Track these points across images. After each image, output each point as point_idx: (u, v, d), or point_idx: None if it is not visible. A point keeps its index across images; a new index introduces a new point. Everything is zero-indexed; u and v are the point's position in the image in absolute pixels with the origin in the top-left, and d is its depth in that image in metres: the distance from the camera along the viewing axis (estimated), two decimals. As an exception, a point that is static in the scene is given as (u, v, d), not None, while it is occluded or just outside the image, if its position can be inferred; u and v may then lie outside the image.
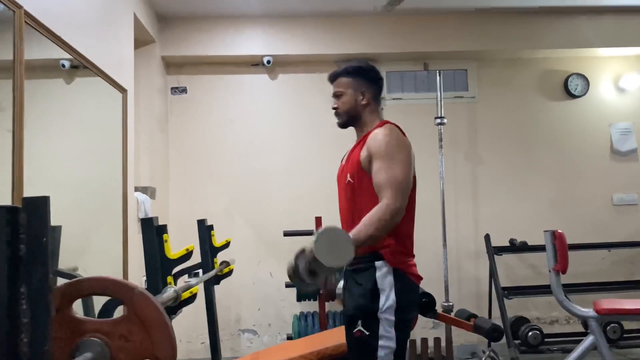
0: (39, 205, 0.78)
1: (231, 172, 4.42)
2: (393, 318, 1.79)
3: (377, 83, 2.02)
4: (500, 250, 4.21)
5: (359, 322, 1.81)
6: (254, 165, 4.43)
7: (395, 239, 1.83)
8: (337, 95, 2.01)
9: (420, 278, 1.92)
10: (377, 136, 1.86)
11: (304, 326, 3.80)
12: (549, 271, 3.04)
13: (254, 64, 4.47)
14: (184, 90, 4.47)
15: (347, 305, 1.95)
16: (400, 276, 1.81)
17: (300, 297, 3.89)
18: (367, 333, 1.79)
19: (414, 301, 1.94)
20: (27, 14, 1.98)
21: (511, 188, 4.54)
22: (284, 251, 4.32)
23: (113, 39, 3.08)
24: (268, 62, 4.37)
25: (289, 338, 3.88)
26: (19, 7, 1.93)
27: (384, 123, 1.95)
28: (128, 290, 0.89)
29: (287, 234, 3.97)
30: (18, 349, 0.74)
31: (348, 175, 1.92)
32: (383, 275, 1.81)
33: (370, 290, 1.81)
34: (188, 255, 2.03)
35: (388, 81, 4.57)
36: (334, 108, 2.02)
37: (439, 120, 4.06)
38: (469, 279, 4.46)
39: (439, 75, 4.08)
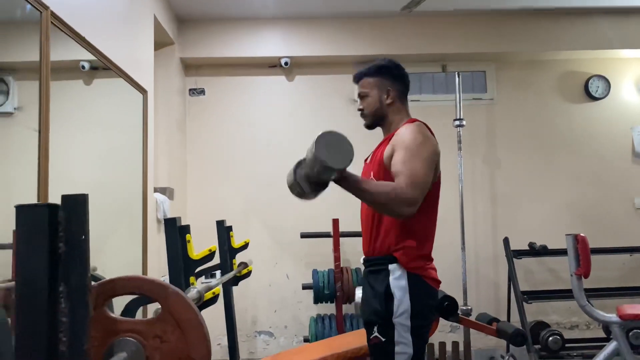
0: (78, 203, 0.77)
1: (248, 174, 4.43)
2: (408, 323, 1.73)
3: (402, 80, 1.95)
4: (520, 254, 4.16)
5: (375, 328, 1.77)
6: (271, 166, 4.43)
7: (412, 240, 1.78)
8: (362, 97, 1.96)
9: (439, 282, 1.86)
10: (404, 132, 1.81)
11: (320, 329, 3.78)
12: (571, 275, 3.00)
13: (272, 65, 4.48)
14: (201, 92, 4.48)
15: (364, 310, 1.92)
16: (416, 280, 1.76)
17: (317, 300, 3.87)
18: (383, 339, 1.74)
19: (431, 306, 1.85)
20: (53, 14, 2.00)
21: (530, 191, 4.49)
22: (300, 253, 4.32)
23: (134, 40, 3.10)
24: (285, 63, 4.37)
25: (306, 340, 3.86)
26: (46, 7, 1.95)
27: (412, 121, 1.88)
28: (162, 289, 0.88)
29: (304, 235, 3.96)
30: (57, 348, 0.74)
31: (371, 174, 1.86)
32: (396, 279, 1.75)
33: (384, 294, 1.76)
34: (210, 255, 2.03)
35: (406, 83, 4.55)
36: (360, 109, 1.98)
37: (457, 123, 4.03)
38: (488, 282, 4.42)
39: (458, 76, 4.05)
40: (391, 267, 1.77)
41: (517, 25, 4.38)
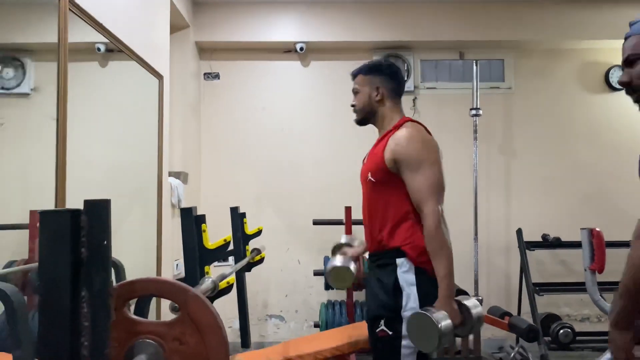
0: (100, 208, 0.77)
1: (262, 159, 4.43)
2: None
3: (394, 79, 2.01)
4: (533, 245, 4.14)
5: (382, 322, 1.80)
6: (284, 152, 4.43)
7: (420, 235, 1.80)
8: (354, 92, 2.04)
9: None
10: (402, 140, 1.83)
11: (331, 315, 3.80)
12: (585, 270, 2.98)
13: (287, 50, 4.44)
14: (216, 76, 4.46)
15: (369, 304, 1.94)
16: (423, 274, 1.78)
17: (328, 286, 3.89)
18: (390, 333, 1.77)
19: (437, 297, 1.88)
20: (71, 1, 1.99)
21: (546, 182, 4.45)
22: (312, 239, 4.33)
23: (150, 25, 3.08)
24: (301, 48, 4.33)
25: (316, 326, 3.90)
26: (63, -6, 1.94)
27: (404, 121, 1.92)
28: (182, 292, 0.88)
29: (316, 222, 3.97)
30: (79, 353, 0.75)
31: (369, 173, 1.90)
32: (404, 273, 1.79)
33: (392, 288, 1.79)
34: (225, 245, 2.04)
35: (422, 70, 4.49)
36: (352, 105, 2.05)
37: (474, 112, 3.98)
38: (499, 273, 4.40)
39: (476, 65, 3.99)
40: (399, 261, 1.80)
41: (538, 13, 4.29)
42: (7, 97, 2.36)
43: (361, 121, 2.05)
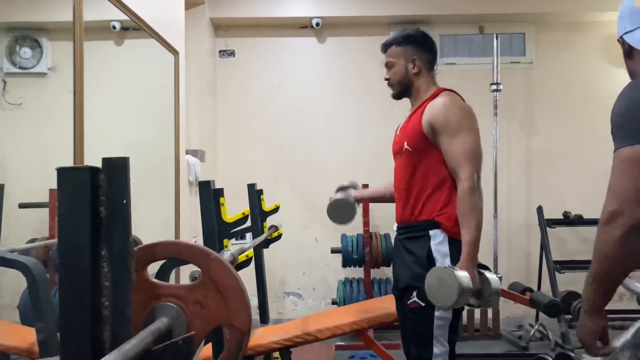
0: (119, 167, 0.76)
1: (278, 136, 4.40)
2: None
3: (429, 50, 1.96)
4: (554, 223, 4.07)
5: (414, 293, 1.78)
6: (301, 129, 4.39)
7: (452, 207, 1.78)
8: (388, 66, 1.97)
9: None
10: (440, 107, 1.80)
11: (349, 292, 3.80)
12: (608, 247, 2.92)
13: (302, 26, 4.38)
14: (232, 54, 4.43)
15: (399, 275, 1.91)
16: (456, 245, 1.75)
17: (345, 264, 3.88)
18: (423, 304, 1.75)
19: None
20: (85, -27, 1.96)
21: (567, 159, 4.36)
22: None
23: (165, 2, 3.05)
24: (317, 24, 4.27)
25: (334, 303, 3.90)
26: (78, -34, 1.91)
27: (441, 91, 1.88)
28: (203, 255, 0.87)
29: (333, 200, 3.94)
30: (100, 312, 0.73)
31: (406, 143, 1.86)
32: (438, 244, 1.78)
33: (425, 259, 1.77)
34: (244, 219, 2.04)
35: (441, 45, 4.40)
36: (387, 79, 1.99)
37: (494, 87, 3.90)
38: (519, 251, 4.36)
39: (496, 39, 3.89)
40: (432, 232, 1.79)
41: (560, -15, 4.17)
42: (25, 77, 2.36)
43: (398, 95, 1.99)
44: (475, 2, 4.20)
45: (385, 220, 4.15)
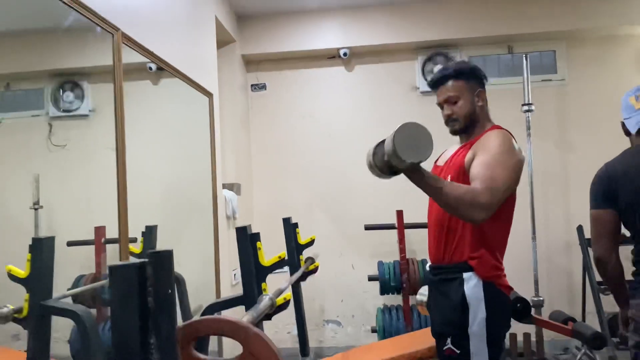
0: (164, 259, 0.82)
1: (311, 166, 4.47)
2: (485, 333, 1.70)
3: (485, 82, 1.91)
4: (595, 242, 3.97)
5: (449, 340, 1.75)
6: (333, 158, 4.45)
7: (488, 249, 1.75)
8: (451, 101, 1.86)
9: (511, 289, 1.83)
10: (489, 138, 1.75)
11: (388, 320, 3.80)
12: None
13: (330, 56, 4.46)
14: (263, 87, 4.54)
15: (434, 318, 1.90)
16: (491, 289, 1.72)
17: (383, 291, 3.89)
18: (458, 352, 1.72)
19: (507, 313, 1.82)
20: (124, 35, 2.08)
21: (606, 175, 4.25)
22: (364, 244, 4.34)
23: (198, 46, 3.17)
24: (344, 54, 4.34)
25: (374, 331, 3.90)
26: (117, 29, 2.04)
27: (495, 128, 1.84)
28: (243, 330, 0.92)
29: (368, 227, 3.97)
30: (151, 397, 0.79)
31: (449, 177, 1.79)
32: (472, 287, 1.73)
33: (459, 304, 1.73)
34: (280, 262, 2.08)
35: (470, 67, 4.40)
36: (449, 115, 1.88)
37: (526, 108, 3.87)
38: (560, 272, 4.26)
39: (526, 59, 3.87)
40: (466, 275, 1.74)
41: (590, -1, 4.12)
42: (69, 119, 2.49)
43: (463, 130, 1.88)
44: (502, 23, 4.19)
45: (422, 244, 4.14)
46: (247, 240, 2.01)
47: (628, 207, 1.87)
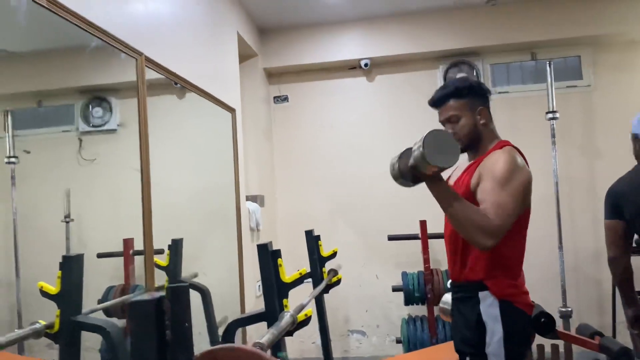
0: (181, 293, 0.85)
1: (334, 176, 4.49)
2: (502, 353, 1.68)
3: (488, 98, 1.88)
4: (625, 251, 3.89)
5: (467, 359, 1.75)
6: (355, 168, 4.47)
7: (503, 269, 1.73)
8: (452, 121, 1.84)
9: (532, 306, 1.79)
10: (493, 159, 1.72)
11: (412, 330, 3.79)
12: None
13: (352, 67, 4.48)
14: (285, 99, 4.59)
15: (454, 337, 1.89)
16: (508, 308, 1.70)
17: (407, 302, 3.87)
18: None
19: (525, 331, 1.78)
20: (147, 59, 2.15)
21: (635, 182, 4.16)
22: (388, 253, 4.34)
23: (220, 62, 3.24)
24: (365, 64, 4.36)
25: (399, 342, 3.89)
26: (140, 54, 2.10)
27: (504, 144, 1.80)
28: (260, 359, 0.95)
29: (391, 238, 3.96)
30: None
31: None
32: (487, 307, 1.71)
33: (475, 323, 1.71)
34: (301, 278, 2.11)
35: (493, 74, 4.37)
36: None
37: (550, 115, 3.82)
38: (589, 281, 4.18)
39: (549, 65, 3.82)
40: (482, 294, 1.73)
41: (616, 3, 4.04)
42: (97, 134, 2.57)
43: (465, 149, 1.86)
44: (525, 30, 4.15)
45: (445, 254, 4.11)
46: (269, 257, 2.05)
47: (632, 220, 2.35)
